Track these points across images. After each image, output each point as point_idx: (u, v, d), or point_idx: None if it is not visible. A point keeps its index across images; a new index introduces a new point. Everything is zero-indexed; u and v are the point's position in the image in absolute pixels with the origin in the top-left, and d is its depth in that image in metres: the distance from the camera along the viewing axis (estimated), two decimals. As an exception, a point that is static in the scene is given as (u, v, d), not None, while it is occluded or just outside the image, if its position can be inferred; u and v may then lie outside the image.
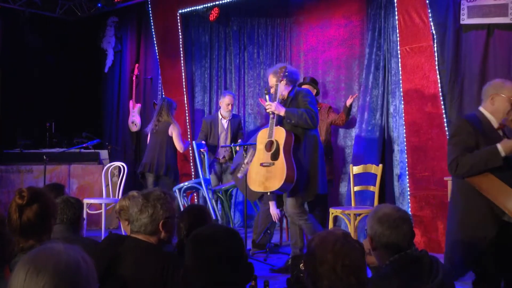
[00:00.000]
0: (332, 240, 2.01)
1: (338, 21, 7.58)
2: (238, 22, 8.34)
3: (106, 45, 9.68)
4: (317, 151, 4.96)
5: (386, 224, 2.45)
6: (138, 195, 2.76)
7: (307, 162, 4.91)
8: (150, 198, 2.68)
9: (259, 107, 8.14)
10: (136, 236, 2.67)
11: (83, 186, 7.89)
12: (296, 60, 7.97)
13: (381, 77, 6.95)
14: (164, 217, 2.65)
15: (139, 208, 2.66)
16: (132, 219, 2.68)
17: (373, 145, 6.93)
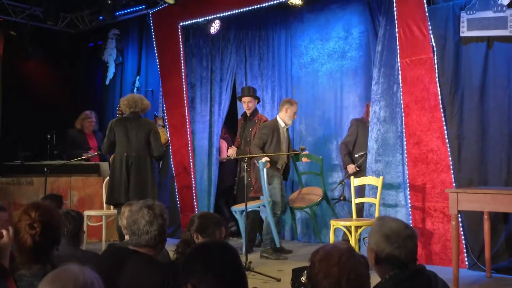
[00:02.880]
0: (337, 254, 1.99)
1: (338, 33, 7.60)
2: (239, 34, 8.36)
3: (108, 57, 9.70)
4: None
5: (395, 244, 2.41)
6: (139, 207, 2.71)
7: None
8: (156, 209, 2.66)
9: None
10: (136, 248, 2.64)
11: (84, 198, 7.86)
12: (297, 72, 7.99)
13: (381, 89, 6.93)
14: (167, 228, 2.66)
15: (149, 220, 2.63)
16: (139, 232, 2.63)
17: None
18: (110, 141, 6.37)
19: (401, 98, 6.16)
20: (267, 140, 6.60)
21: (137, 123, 6.33)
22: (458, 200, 4.94)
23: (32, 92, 9.44)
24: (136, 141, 6.25)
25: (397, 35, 6.12)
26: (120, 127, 6.33)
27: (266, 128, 6.66)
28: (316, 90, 7.81)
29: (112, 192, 6.25)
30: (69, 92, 9.85)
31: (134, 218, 2.68)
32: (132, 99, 6.42)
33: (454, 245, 5.00)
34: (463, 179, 5.82)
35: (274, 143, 6.60)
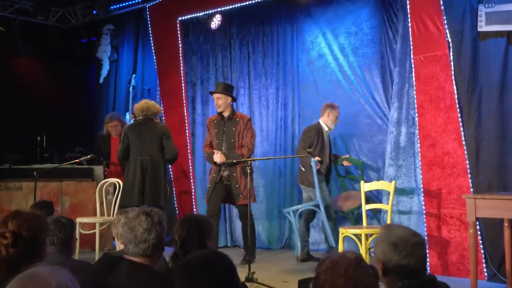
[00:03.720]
0: (344, 264, 1.98)
1: (348, 29, 7.60)
2: (242, 29, 8.37)
3: (101, 54, 9.72)
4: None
5: (403, 252, 2.40)
6: (137, 214, 2.71)
7: None
8: (155, 217, 2.66)
9: (264, 121, 8.13)
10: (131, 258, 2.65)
11: (76, 204, 7.87)
12: (304, 69, 7.99)
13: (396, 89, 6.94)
14: (165, 237, 2.66)
15: (147, 227, 2.63)
16: (136, 240, 2.63)
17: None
18: (124, 146, 6.78)
19: (414, 98, 6.15)
20: (312, 143, 6.83)
21: (150, 127, 6.75)
22: (476, 206, 4.92)
23: (21, 91, 9.46)
24: (150, 145, 6.66)
25: (410, 30, 6.12)
26: (133, 132, 6.75)
27: (312, 131, 6.91)
28: (325, 88, 7.81)
29: (126, 195, 6.66)
30: (61, 91, 9.87)
31: (131, 226, 2.67)
32: (145, 103, 6.84)
33: (472, 255, 4.98)
34: (482, 183, 5.80)
35: (319, 146, 6.85)
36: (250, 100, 8.30)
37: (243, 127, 6.63)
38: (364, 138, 7.45)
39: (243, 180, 6.46)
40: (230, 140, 6.61)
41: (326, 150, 6.94)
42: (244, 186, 6.43)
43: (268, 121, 8.15)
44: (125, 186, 6.70)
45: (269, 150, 8.04)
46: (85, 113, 10.14)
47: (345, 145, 7.56)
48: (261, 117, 8.21)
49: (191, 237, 3.16)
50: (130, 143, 6.72)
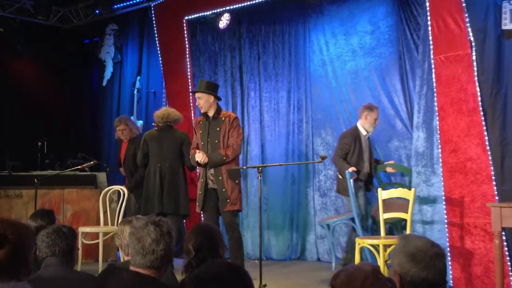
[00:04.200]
0: (360, 277, 1.96)
1: (364, 27, 7.57)
2: (251, 29, 8.37)
3: (105, 55, 9.75)
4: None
5: (422, 264, 2.37)
6: (145, 223, 2.70)
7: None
8: (164, 227, 2.65)
9: (275, 125, 8.11)
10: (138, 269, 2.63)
11: (78, 212, 7.87)
12: (317, 71, 7.97)
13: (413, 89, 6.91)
14: (174, 248, 2.66)
15: (155, 238, 2.61)
16: (144, 251, 2.62)
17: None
18: (143, 153, 7.12)
19: (434, 100, 6.11)
20: (349, 149, 6.80)
21: (170, 134, 7.08)
22: (502, 215, 4.87)
23: (21, 94, 9.50)
24: (169, 152, 6.97)
25: (430, 28, 6.07)
26: (153, 139, 7.08)
27: (348, 138, 6.86)
28: (339, 91, 7.79)
29: (146, 203, 6.94)
30: (62, 94, 9.90)
31: (138, 236, 2.65)
32: (165, 110, 7.20)
33: (497, 267, 4.93)
34: (507, 191, 5.74)
35: (356, 153, 6.81)
36: (261, 103, 8.28)
37: (229, 127, 6.36)
38: (380, 144, 7.41)
39: (230, 183, 6.22)
40: (214, 141, 6.35)
41: (365, 156, 6.86)
42: (232, 190, 6.21)
43: (280, 125, 8.13)
44: (146, 193, 7.00)
45: (280, 156, 8.01)
46: (88, 117, 10.17)
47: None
48: (272, 121, 8.19)
49: (204, 246, 3.16)
50: (150, 150, 7.06)
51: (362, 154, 6.84)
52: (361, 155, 6.83)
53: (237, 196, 6.25)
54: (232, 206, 6.23)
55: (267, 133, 8.19)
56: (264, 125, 8.23)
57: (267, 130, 8.20)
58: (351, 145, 6.79)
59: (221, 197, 6.23)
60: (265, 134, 8.22)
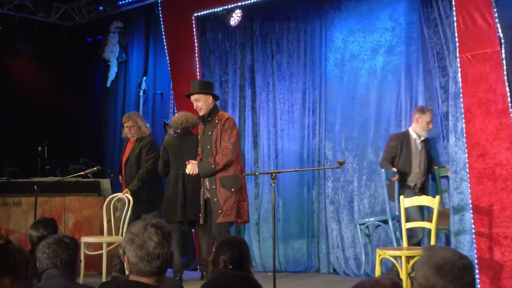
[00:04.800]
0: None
1: (384, 24, 7.55)
2: (264, 26, 8.36)
3: (109, 54, 9.77)
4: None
5: (449, 277, 2.34)
6: (143, 227, 2.68)
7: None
8: (164, 228, 2.64)
9: (290, 128, 8.09)
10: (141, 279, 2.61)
11: (81, 221, 7.88)
12: (333, 71, 7.96)
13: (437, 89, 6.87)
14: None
15: (159, 241, 2.59)
16: (149, 257, 2.59)
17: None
18: (164, 160, 7.19)
19: (460, 101, 6.07)
20: (395, 153, 6.76)
21: (189, 139, 7.17)
22: (534, 225, 4.82)
23: (20, 96, 9.52)
24: (191, 158, 6.73)
25: (456, 24, 6.03)
26: (173, 146, 7.17)
27: (393, 141, 6.84)
28: (356, 92, 7.76)
29: (167, 211, 7.04)
30: (64, 96, 9.92)
31: (140, 242, 2.61)
32: (183, 115, 7.29)
33: (529, 280, 4.88)
34: (540, 199, 5.70)
35: (403, 157, 6.75)
36: (274, 105, 8.27)
37: (220, 130, 6.21)
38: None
39: (223, 192, 6.10)
40: (206, 146, 6.28)
41: (415, 161, 6.78)
42: (225, 199, 6.09)
43: (294, 128, 8.12)
44: (166, 201, 7.09)
45: (295, 161, 7.98)
46: (91, 120, 10.18)
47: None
48: (286, 124, 8.18)
49: (234, 260, 3.23)
50: (170, 157, 7.13)
51: (411, 158, 6.77)
52: (409, 159, 6.77)
53: (233, 206, 6.09)
54: (225, 217, 6.07)
55: (281, 137, 8.16)
56: (278, 128, 8.21)
57: (281, 134, 8.19)
58: (397, 148, 6.77)
59: (213, 208, 6.14)
60: (279, 138, 8.19)
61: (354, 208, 7.56)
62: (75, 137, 9.75)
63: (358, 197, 7.54)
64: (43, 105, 9.65)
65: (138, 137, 7.53)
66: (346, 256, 7.56)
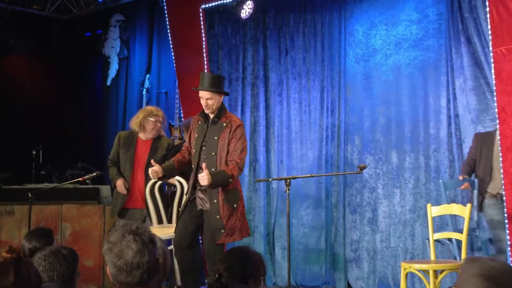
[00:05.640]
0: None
1: (409, 16, 7.52)
2: (278, 19, 8.35)
3: (109, 50, 9.80)
4: None
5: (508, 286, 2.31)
6: (121, 235, 2.66)
7: None
8: (144, 235, 2.63)
9: (306, 130, 8.07)
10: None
11: (79, 232, 7.88)
12: (353, 67, 7.94)
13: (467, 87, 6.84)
14: (161, 259, 2.73)
15: (137, 249, 2.59)
16: (128, 267, 2.59)
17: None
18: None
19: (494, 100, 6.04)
20: (476, 156, 6.54)
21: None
22: None
23: (13, 95, 9.56)
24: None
25: (489, 16, 6.01)
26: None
27: (473, 142, 6.61)
28: (378, 90, 7.75)
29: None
30: (60, 95, 9.94)
31: (117, 251, 2.62)
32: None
33: None
34: None
35: (483, 162, 6.48)
36: (288, 105, 8.26)
37: (230, 136, 5.76)
38: (425, 153, 7.33)
39: (227, 209, 5.69)
40: (210, 152, 5.78)
41: (496, 165, 6.37)
42: (228, 217, 5.69)
43: (311, 130, 8.11)
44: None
45: (312, 166, 7.97)
46: (90, 121, 10.19)
47: (410, 165, 7.42)
48: (302, 125, 8.17)
49: (232, 272, 3.15)
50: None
51: (492, 164, 6.43)
52: (490, 163, 6.44)
53: (235, 225, 5.71)
54: (228, 238, 5.70)
55: (297, 140, 8.15)
56: (292, 130, 8.20)
57: (296, 136, 8.18)
58: (477, 151, 6.52)
59: (213, 225, 5.67)
60: (293, 141, 8.18)
61: (378, 218, 7.53)
62: (72, 140, 9.77)
63: (382, 205, 7.50)
64: (37, 105, 9.67)
65: (155, 137, 7.14)
66: (368, 270, 7.54)
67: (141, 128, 7.06)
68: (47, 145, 9.03)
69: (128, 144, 7.15)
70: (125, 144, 7.17)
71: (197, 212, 5.83)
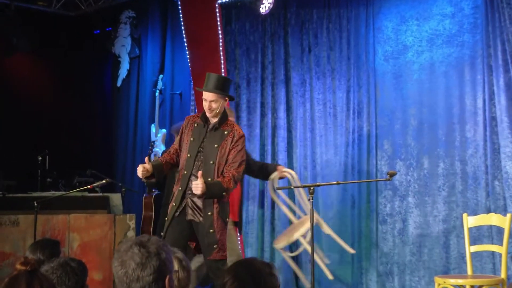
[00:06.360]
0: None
1: (442, 10, 7.48)
2: (300, 14, 8.37)
3: (119, 49, 9.83)
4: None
5: None
6: (129, 245, 2.68)
7: None
8: (150, 246, 2.64)
9: (331, 133, 8.06)
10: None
11: (88, 243, 7.88)
12: (382, 66, 7.93)
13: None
14: (169, 270, 2.65)
15: (140, 261, 2.60)
16: (128, 279, 2.60)
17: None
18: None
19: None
20: None
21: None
22: None
23: (16, 97, 9.59)
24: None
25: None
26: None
27: None
28: (409, 90, 7.72)
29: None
30: (67, 97, 9.97)
31: (122, 260, 2.64)
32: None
33: None
34: None
35: None
36: (312, 107, 8.27)
37: (230, 146, 5.71)
38: (461, 158, 7.27)
39: (220, 223, 5.62)
40: (208, 160, 5.69)
41: None
42: (221, 233, 5.62)
43: (336, 133, 8.11)
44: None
45: (338, 173, 7.94)
46: (99, 125, 10.22)
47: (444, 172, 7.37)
48: (327, 128, 8.17)
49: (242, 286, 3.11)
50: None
51: None
52: None
53: (225, 240, 5.68)
54: (219, 254, 5.64)
55: (321, 144, 8.13)
56: (316, 134, 8.20)
57: (320, 140, 8.17)
58: None
59: (206, 240, 5.62)
60: (317, 145, 8.16)
61: (409, 228, 7.47)
62: (80, 145, 9.79)
63: (413, 215, 7.45)
64: (42, 108, 9.70)
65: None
66: (399, 285, 7.49)
67: None
68: (53, 150, 9.03)
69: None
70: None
71: (187, 224, 5.75)
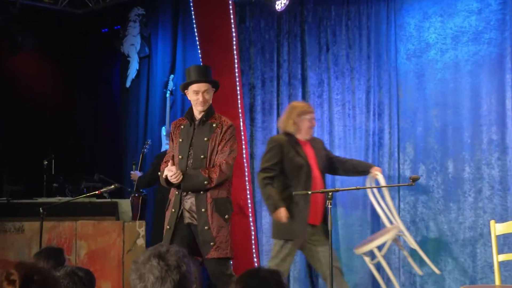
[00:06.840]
0: None
1: (468, 5, 7.46)
2: (317, 10, 8.37)
3: (128, 48, 9.85)
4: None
5: None
6: (147, 257, 2.71)
7: None
8: (170, 259, 2.66)
9: (350, 136, 8.06)
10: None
11: (95, 251, 7.89)
12: (404, 65, 7.92)
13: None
14: (190, 282, 2.68)
15: (159, 275, 2.62)
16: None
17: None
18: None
19: None
20: None
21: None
22: None
23: (21, 98, 9.62)
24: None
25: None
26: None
27: None
28: (432, 90, 7.70)
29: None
30: (74, 98, 10.00)
31: (140, 273, 2.67)
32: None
33: None
34: None
35: None
36: (330, 108, 8.27)
37: (219, 138, 5.79)
38: (488, 162, 7.24)
39: (216, 219, 5.67)
40: (199, 155, 5.77)
41: None
42: (219, 228, 5.66)
43: (355, 136, 8.11)
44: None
45: (357, 177, 7.89)
46: (107, 127, 10.24)
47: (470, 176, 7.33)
48: (345, 131, 8.18)
49: None
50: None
51: None
52: None
53: (227, 238, 5.69)
54: (219, 252, 5.64)
55: (340, 147, 8.12)
56: (335, 136, 8.20)
57: (339, 143, 8.18)
58: None
59: (202, 238, 5.66)
60: (336, 148, 8.15)
61: (433, 236, 7.45)
62: (88, 149, 9.81)
63: (437, 222, 7.42)
64: (48, 110, 9.74)
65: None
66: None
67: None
68: (60, 154, 9.06)
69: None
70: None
71: (186, 228, 5.81)
